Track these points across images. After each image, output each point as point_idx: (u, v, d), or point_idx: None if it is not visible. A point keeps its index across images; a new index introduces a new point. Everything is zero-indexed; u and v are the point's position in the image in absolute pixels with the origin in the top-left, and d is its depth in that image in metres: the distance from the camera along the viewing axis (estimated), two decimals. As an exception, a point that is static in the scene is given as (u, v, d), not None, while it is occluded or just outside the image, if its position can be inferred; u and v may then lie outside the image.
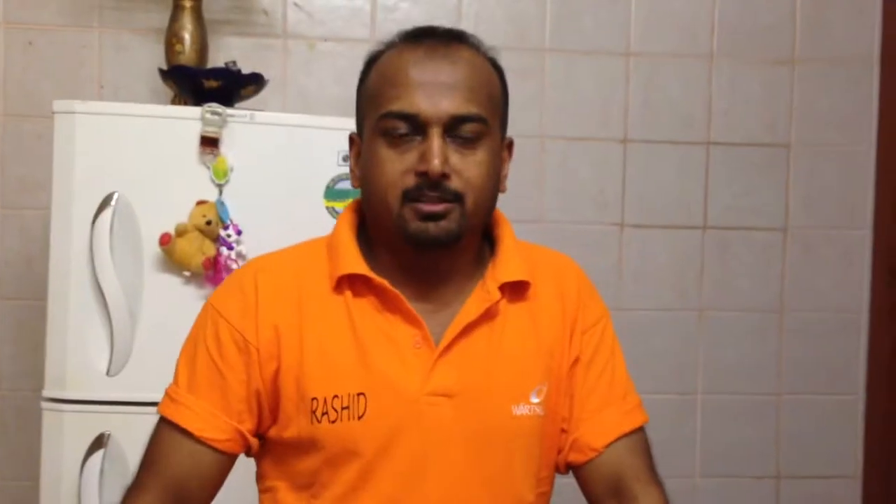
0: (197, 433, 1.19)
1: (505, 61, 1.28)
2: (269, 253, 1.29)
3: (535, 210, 2.50)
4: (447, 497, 1.17)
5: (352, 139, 1.27)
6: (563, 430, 1.26)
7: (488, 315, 1.21)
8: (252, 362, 1.19)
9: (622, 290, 2.54)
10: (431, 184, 1.14)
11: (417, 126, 1.15)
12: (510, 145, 1.29)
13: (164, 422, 1.21)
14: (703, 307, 2.57)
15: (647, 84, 2.54)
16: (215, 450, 1.20)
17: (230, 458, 1.22)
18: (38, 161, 2.28)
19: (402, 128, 1.15)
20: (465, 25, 2.42)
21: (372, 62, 1.23)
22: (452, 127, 1.15)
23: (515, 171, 2.42)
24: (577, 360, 1.26)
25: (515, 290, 1.24)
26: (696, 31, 2.55)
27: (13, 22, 2.37)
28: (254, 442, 1.22)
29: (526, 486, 1.23)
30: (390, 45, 1.22)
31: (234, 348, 1.19)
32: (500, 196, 1.28)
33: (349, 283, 1.20)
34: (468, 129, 1.16)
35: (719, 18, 2.56)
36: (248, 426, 1.21)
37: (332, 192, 1.93)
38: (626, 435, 1.26)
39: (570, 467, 1.28)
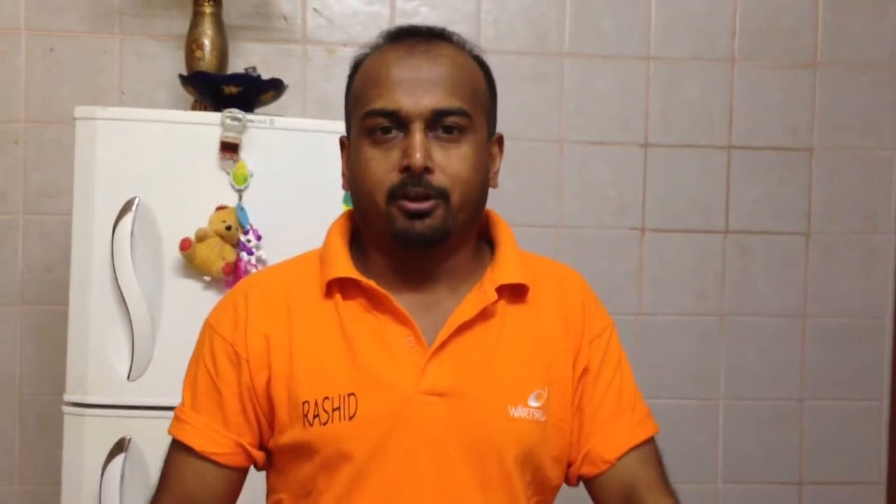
0: (199, 448, 1.21)
1: (524, 66, 1.28)
2: (264, 268, 1.31)
3: (554, 215, 2.49)
4: (441, 498, 1.16)
5: (342, 143, 1.27)
6: (571, 443, 1.25)
7: (484, 316, 1.20)
8: (243, 374, 1.20)
9: (643, 295, 2.53)
10: (415, 179, 1.14)
11: (399, 122, 1.15)
12: (500, 141, 1.28)
13: (173, 442, 1.25)
14: (724, 312, 2.55)
15: (667, 88, 2.53)
16: (218, 464, 1.21)
17: (236, 473, 1.23)
18: (59, 167, 2.30)
19: (385, 124, 1.15)
20: (484, 30, 2.43)
21: (357, 66, 1.24)
22: (434, 122, 1.15)
23: (534, 177, 2.45)
24: (585, 372, 1.25)
25: (514, 293, 1.23)
26: (717, 35, 2.54)
27: (34, 28, 2.39)
28: (258, 455, 1.23)
29: (524, 491, 1.21)
30: (374, 48, 1.23)
31: (228, 362, 1.21)
32: (519, 202, 1.27)
33: (339, 287, 1.21)
34: (450, 121, 1.16)
35: (740, 22, 2.54)
36: (248, 439, 1.22)
37: (350, 198, 1.93)
38: (637, 446, 1.25)
39: (581, 480, 1.27)
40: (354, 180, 1.20)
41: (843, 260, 2.58)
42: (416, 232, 1.15)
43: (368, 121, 1.16)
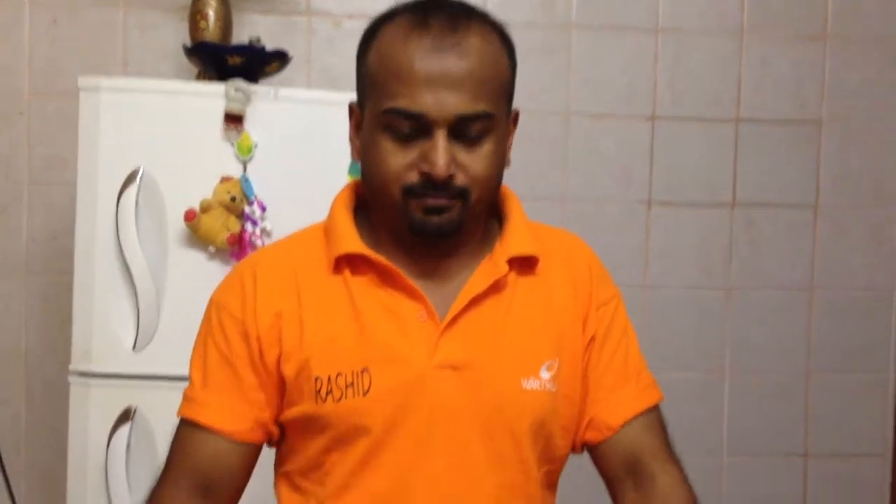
0: (216, 426, 1.19)
1: (531, 37, 1.26)
2: (268, 245, 1.29)
3: (559, 188, 2.48)
4: (455, 471, 1.16)
5: (351, 109, 1.23)
6: (578, 412, 1.25)
7: (496, 288, 1.19)
8: (254, 351, 1.19)
9: (649, 269, 2.52)
10: (436, 185, 1.11)
11: (422, 125, 1.11)
12: (516, 117, 1.24)
13: (183, 423, 1.22)
14: (731, 286, 2.55)
15: (675, 60, 2.51)
16: (237, 442, 1.19)
17: (253, 448, 1.22)
18: (63, 138, 2.29)
19: (406, 126, 1.12)
20: (493, 2, 2.41)
21: (373, 34, 1.18)
22: (458, 127, 1.12)
23: (540, 150, 2.44)
24: (591, 339, 1.25)
25: (524, 265, 1.22)
26: (726, 7, 2.52)
27: (38, 0, 2.37)
28: (275, 430, 1.22)
29: (537, 462, 1.21)
30: (392, 18, 1.17)
31: (240, 339, 1.19)
32: (524, 175, 1.26)
33: (347, 262, 1.19)
34: (475, 127, 1.12)
35: (749, -7, 2.52)
36: (266, 415, 1.21)
37: (356, 168, 1.92)
38: (642, 413, 1.25)
39: (585, 447, 1.27)
40: (368, 165, 1.17)
41: (850, 233, 2.57)
42: (432, 226, 1.14)
43: (389, 118, 1.12)
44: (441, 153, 1.10)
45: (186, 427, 1.21)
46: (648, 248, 2.52)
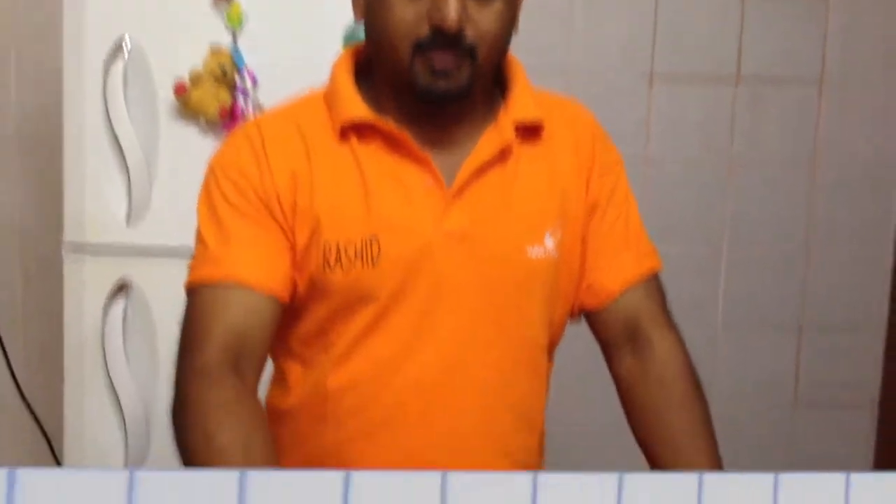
0: (248, 280, 1.11)
1: None
2: (267, 111, 1.25)
3: (560, 61, 2.43)
4: (459, 338, 1.16)
5: None
6: (577, 279, 1.25)
7: (501, 156, 1.18)
8: (275, 209, 1.15)
9: (650, 143, 2.48)
10: (447, 38, 1.08)
11: None
12: None
13: (202, 289, 1.13)
14: (733, 160, 2.52)
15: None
16: (269, 296, 1.13)
17: (280, 308, 1.15)
18: (51, 8, 2.21)
19: None
20: None
21: None
22: None
23: (540, 21, 2.37)
24: (594, 206, 1.24)
25: (528, 132, 1.21)
26: None
27: None
28: (297, 288, 1.17)
29: (540, 330, 1.22)
30: None
31: (256, 197, 1.15)
32: (525, 47, 1.22)
33: (353, 130, 1.16)
34: None
35: None
36: (291, 269, 1.15)
37: (352, 36, 1.86)
38: (641, 279, 1.25)
39: (583, 313, 1.28)
40: (374, 24, 1.13)
41: (855, 109, 2.52)
42: (439, 90, 1.11)
43: None
44: (453, 4, 1.06)
45: (207, 291, 1.13)
46: (650, 122, 2.48)
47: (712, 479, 0.62)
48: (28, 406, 2.20)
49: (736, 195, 2.52)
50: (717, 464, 1.20)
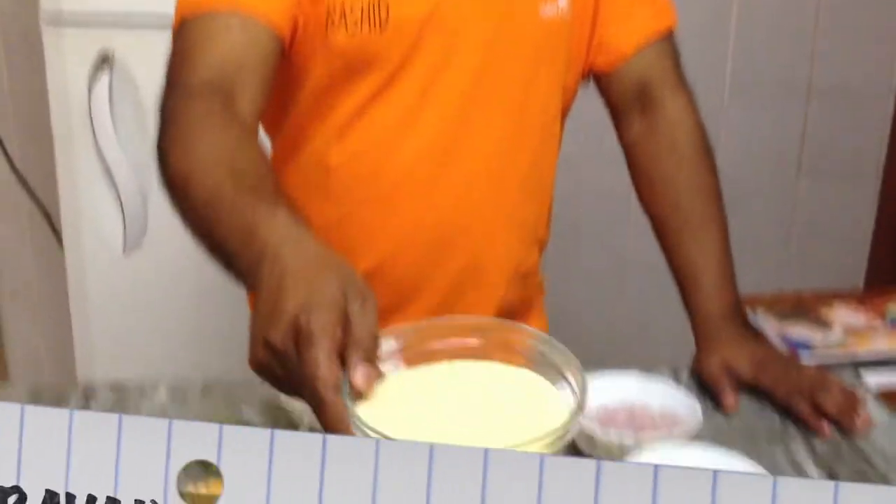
0: (245, 5, 1.00)
1: None
2: None
3: None
4: (467, 99, 1.11)
5: None
6: (589, 33, 1.19)
7: None
8: None
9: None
10: None
11: None
12: None
13: (194, 20, 1.01)
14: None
15: None
16: (271, 27, 1.01)
17: (280, 46, 1.04)
18: None
19: None
20: None
21: None
22: None
23: None
24: None
25: None
26: None
27: None
28: (299, 23, 1.06)
29: (552, 97, 1.17)
30: None
31: None
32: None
33: None
34: None
35: None
36: (294, 7, 1.05)
37: None
38: (656, 37, 1.20)
39: (593, 75, 1.23)
40: None
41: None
42: None
43: None
44: None
45: (199, 21, 1.00)
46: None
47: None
48: (24, 182, 2.20)
49: None
50: (722, 227, 1.19)
